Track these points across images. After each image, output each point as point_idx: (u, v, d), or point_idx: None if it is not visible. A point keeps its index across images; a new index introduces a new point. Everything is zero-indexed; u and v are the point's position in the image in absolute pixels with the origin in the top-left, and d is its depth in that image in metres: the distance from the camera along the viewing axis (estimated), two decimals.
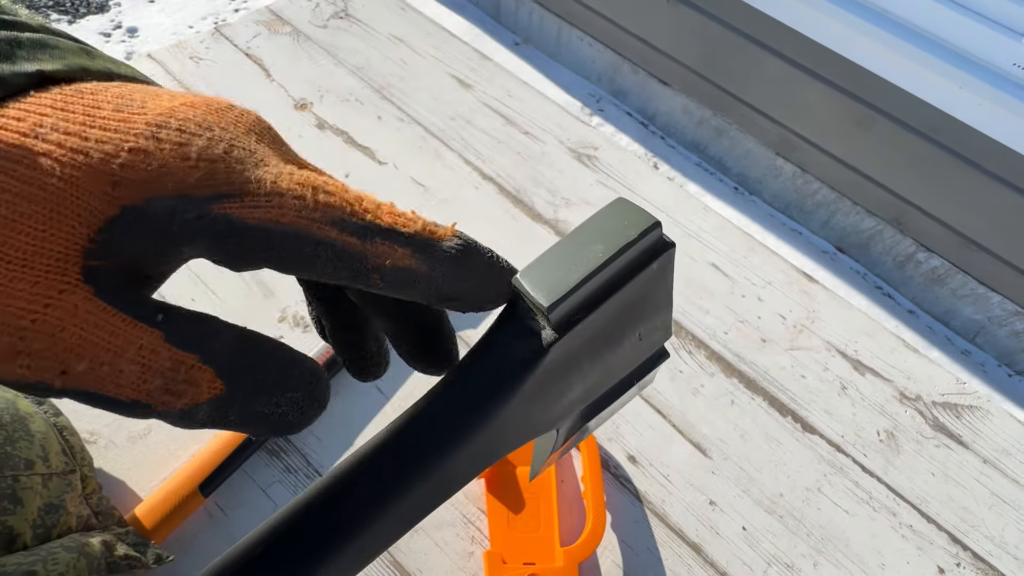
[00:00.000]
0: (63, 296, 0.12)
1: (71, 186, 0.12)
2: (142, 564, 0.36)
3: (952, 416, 0.45)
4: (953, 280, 0.67)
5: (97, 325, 0.13)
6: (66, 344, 0.12)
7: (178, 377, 0.13)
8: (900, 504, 0.42)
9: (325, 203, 0.14)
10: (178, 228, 0.13)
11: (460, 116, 0.58)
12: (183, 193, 0.13)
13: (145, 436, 0.43)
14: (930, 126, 0.62)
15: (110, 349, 0.13)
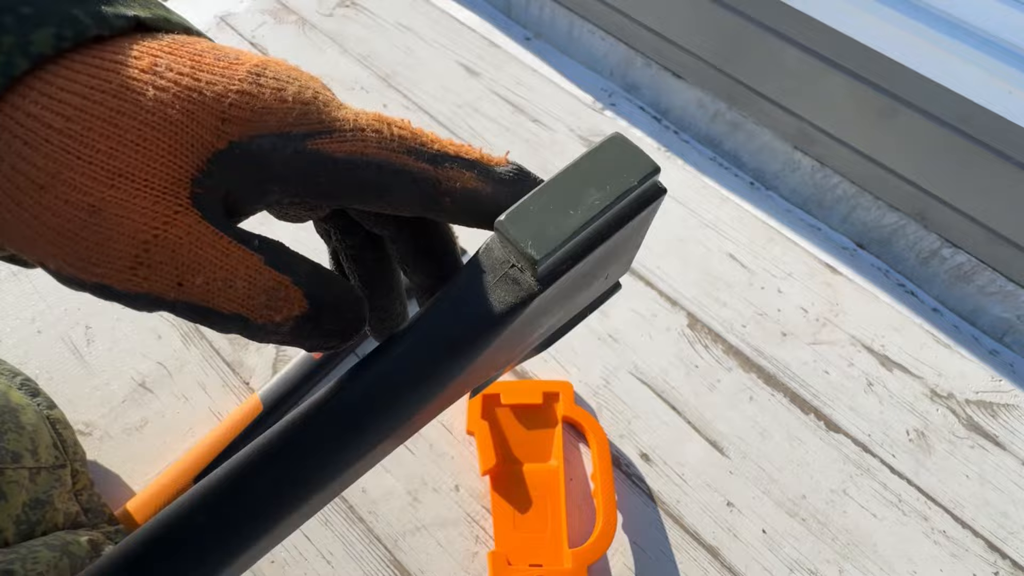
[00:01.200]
0: (178, 216, 0.14)
1: (189, 118, 0.14)
2: None
3: (987, 415, 0.43)
4: (980, 277, 0.64)
5: (212, 244, 0.14)
6: (184, 259, 0.14)
7: (278, 295, 0.15)
8: (932, 508, 0.40)
9: (400, 135, 0.16)
10: (278, 162, 0.15)
11: (467, 104, 0.57)
12: (283, 131, 0.15)
13: (141, 428, 0.41)
14: (957, 116, 0.60)
15: (224, 267, 0.14)
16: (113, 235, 0.13)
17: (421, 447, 0.41)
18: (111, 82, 0.14)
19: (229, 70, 0.15)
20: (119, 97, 0.14)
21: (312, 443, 0.15)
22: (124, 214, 0.13)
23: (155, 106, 0.14)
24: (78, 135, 0.13)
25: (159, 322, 0.45)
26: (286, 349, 0.44)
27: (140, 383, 0.43)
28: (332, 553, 0.38)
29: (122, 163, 0.13)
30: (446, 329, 0.16)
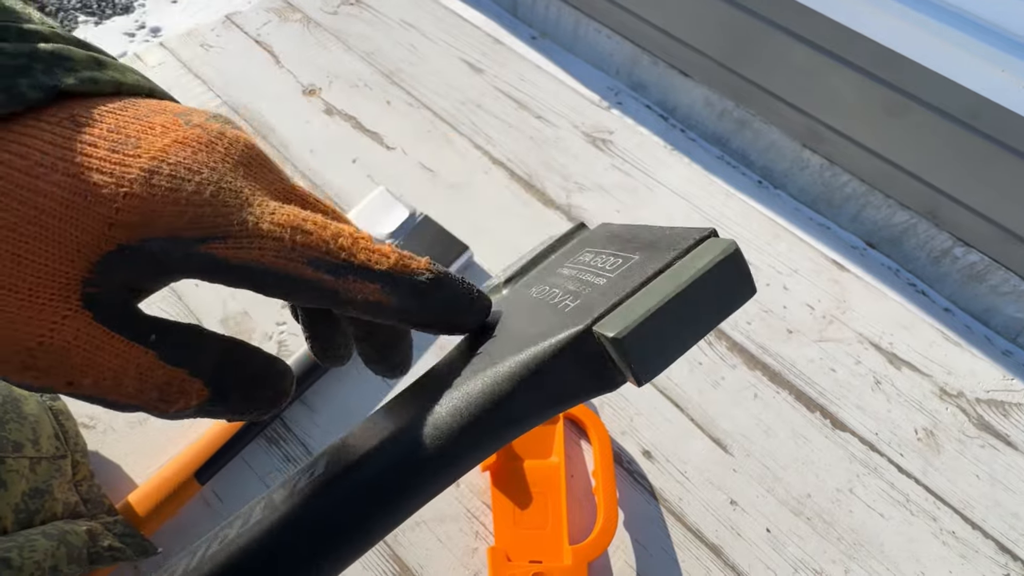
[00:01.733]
0: (66, 321, 0.14)
1: (71, 226, 0.14)
2: (126, 556, 0.35)
3: (999, 414, 0.42)
4: (993, 276, 0.63)
5: (98, 347, 0.14)
6: (71, 363, 0.14)
7: (171, 389, 0.15)
8: (941, 508, 0.39)
9: (303, 243, 0.16)
10: (169, 264, 0.15)
11: (471, 100, 0.57)
12: (173, 235, 0.15)
13: (144, 422, 0.42)
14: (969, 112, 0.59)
15: (111, 368, 0.15)
16: (5, 343, 0.14)
17: None
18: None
19: (121, 168, 0.15)
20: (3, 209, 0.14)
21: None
22: (8, 324, 0.14)
23: (35, 215, 0.14)
24: None
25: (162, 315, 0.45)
26: (288, 345, 0.45)
27: None
28: None
29: (11, 271, 0.14)
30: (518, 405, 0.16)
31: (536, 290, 0.19)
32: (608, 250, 0.18)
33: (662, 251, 0.16)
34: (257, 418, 0.17)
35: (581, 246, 0.20)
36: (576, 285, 0.17)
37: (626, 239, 0.18)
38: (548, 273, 0.20)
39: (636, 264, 0.16)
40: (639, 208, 0.51)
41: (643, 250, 0.17)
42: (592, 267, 0.18)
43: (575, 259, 0.19)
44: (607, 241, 0.19)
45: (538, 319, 0.17)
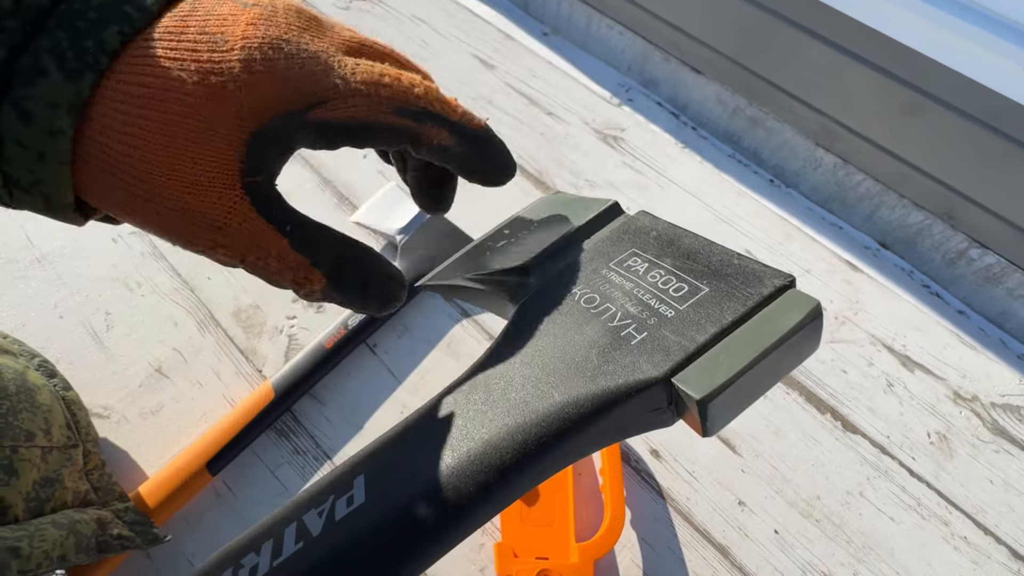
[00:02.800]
0: (236, 207, 0.17)
1: (217, 126, 0.17)
2: (136, 545, 0.35)
3: (1014, 419, 0.41)
4: (1009, 279, 0.62)
5: (257, 230, 0.18)
6: (240, 241, 0.18)
7: (299, 274, 0.19)
8: (953, 513, 0.38)
9: (387, 96, 0.19)
10: (289, 137, 0.18)
11: (482, 97, 0.56)
12: (287, 110, 0.17)
13: (157, 412, 0.42)
14: (988, 111, 0.58)
15: (263, 248, 0.18)
16: (198, 226, 0.17)
17: None
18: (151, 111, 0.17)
19: (226, 65, 0.17)
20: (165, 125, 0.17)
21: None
22: (203, 210, 0.17)
23: (193, 124, 0.17)
24: (152, 161, 0.17)
25: (175, 309, 0.46)
26: (298, 339, 0.45)
27: (157, 368, 0.43)
28: None
29: (191, 175, 0.17)
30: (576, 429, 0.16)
31: (581, 293, 0.18)
32: (665, 263, 0.17)
33: (737, 291, 0.16)
34: (376, 313, 0.20)
35: (625, 243, 0.19)
36: (637, 307, 0.17)
37: (684, 253, 0.17)
38: (592, 273, 0.18)
39: (708, 300, 0.16)
40: (650, 206, 0.51)
41: (711, 280, 0.16)
42: (652, 285, 0.17)
43: (623, 263, 0.18)
44: (659, 248, 0.18)
45: (599, 344, 0.16)
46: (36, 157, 0.17)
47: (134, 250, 0.48)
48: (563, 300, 0.18)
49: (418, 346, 0.44)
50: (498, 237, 0.22)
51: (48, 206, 0.18)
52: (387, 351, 0.44)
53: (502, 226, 0.23)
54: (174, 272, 0.47)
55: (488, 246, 0.22)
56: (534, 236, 0.21)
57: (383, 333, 0.45)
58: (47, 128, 0.16)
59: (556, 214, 0.22)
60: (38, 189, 0.17)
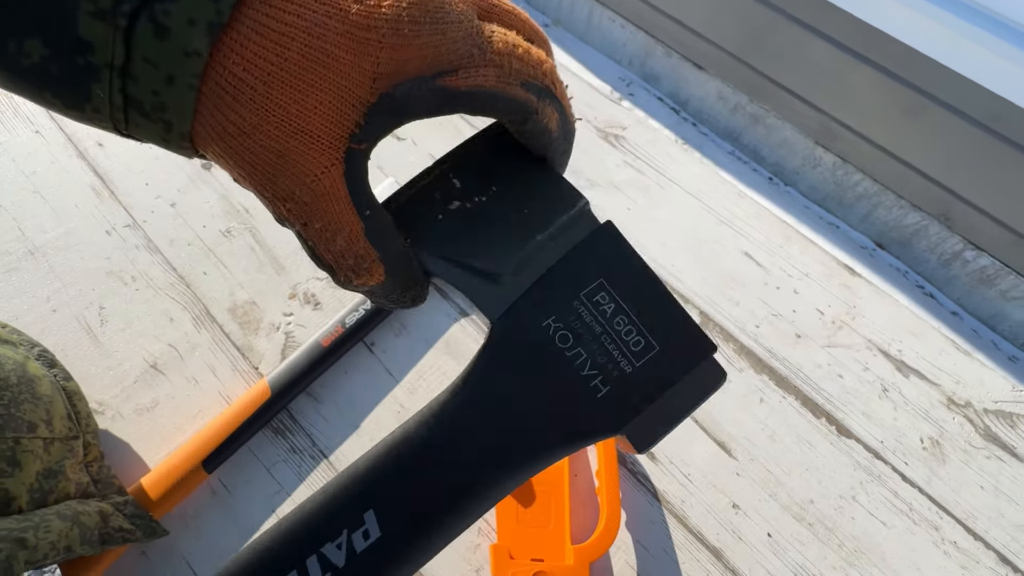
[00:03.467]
0: (331, 170, 0.17)
1: (351, 81, 0.16)
2: (136, 538, 0.35)
3: (1006, 425, 0.41)
4: (1004, 281, 0.62)
5: (338, 200, 0.17)
6: (315, 207, 0.17)
7: (363, 264, 0.18)
8: (944, 518, 0.38)
9: (518, 69, 0.18)
10: (413, 103, 0.17)
11: None
12: (419, 74, 0.17)
13: (152, 409, 0.41)
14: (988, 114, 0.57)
15: (336, 222, 0.17)
16: (286, 173, 0.17)
17: None
18: (289, 48, 0.16)
19: (374, 20, 0.16)
20: (299, 66, 0.16)
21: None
22: (299, 160, 0.16)
23: (327, 73, 0.16)
24: (273, 98, 0.16)
25: (171, 305, 0.45)
26: (295, 336, 0.44)
27: (152, 364, 0.43)
28: None
29: (304, 122, 0.16)
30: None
31: (555, 328, 0.19)
32: (629, 307, 0.20)
33: (678, 354, 0.19)
34: (399, 308, 0.20)
35: (594, 270, 0.20)
36: (603, 357, 0.19)
37: (645, 298, 0.20)
38: (564, 301, 0.19)
39: (657, 360, 0.19)
40: (651, 207, 0.50)
41: (661, 337, 0.20)
42: (616, 335, 0.20)
43: (592, 297, 0.20)
44: (624, 285, 0.20)
45: (572, 394, 0.19)
46: (165, 79, 0.15)
47: (128, 243, 0.47)
48: (539, 333, 0.19)
49: (416, 345, 0.44)
50: (447, 187, 0.21)
51: (167, 133, 0.17)
52: (385, 350, 0.43)
53: (447, 166, 0.21)
54: (169, 267, 0.46)
55: (435, 199, 0.21)
56: (495, 215, 0.20)
57: (381, 331, 0.44)
58: (183, 47, 0.15)
59: (518, 189, 0.21)
60: (160, 115, 0.16)
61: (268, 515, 0.39)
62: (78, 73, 0.15)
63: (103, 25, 0.15)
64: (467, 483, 0.18)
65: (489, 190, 0.21)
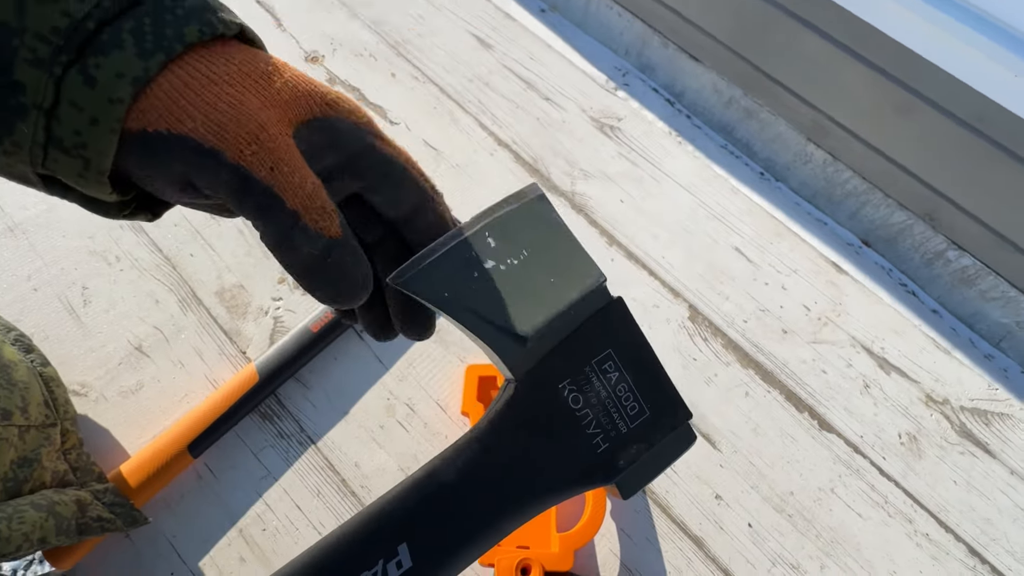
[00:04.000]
0: (286, 132, 0.19)
1: (309, 91, 0.20)
2: (115, 527, 0.34)
3: (981, 423, 0.42)
4: (983, 281, 0.63)
5: (298, 157, 0.19)
6: (281, 155, 0.19)
7: (327, 210, 0.19)
8: (917, 511, 0.39)
9: (417, 168, 0.23)
10: (347, 137, 0.21)
11: (478, 78, 0.54)
12: (358, 125, 0.21)
13: (137, 392, 0.41)
14: (977, 116, 0.58)
15: (302, 172, 0.19)
16: (247, 118, 0.18)
17: (415, 425, 0.40)
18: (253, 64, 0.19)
19: (330, 87, 0.21)
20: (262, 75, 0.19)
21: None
22: (260, 112, 0.19)
23: (283, 86, 0.19)
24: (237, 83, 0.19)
25: (156, 286, 0.44)
26: (283, 320, 0.43)
27: (136, 347, 0.42)
28: (323, 524, 0.38)
29: (270, 90, 0.19)
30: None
31: (568, 390, 0.22)
32: (629, 376, 0.23)
33: (661, 418, 0.23)
34: (340, 298, 0.20)
35: (604, 340, 0.23)
36: (606, 418, 0.23)
37: (642, 369, 0.23)
38: (577, 366, 0.23)
39: (646, 423, 0.23)
40: (644, 200, 0.50)
41: (652, 403, 0.23)
42: (617, 400, 0.23)
43: (602, 365, 0.23)
44: (627, 355, 0.23)
45: (579, 449, 0.22)
46: (89, 120, 0.17)
47: (112, 222, 0.46)
48: (556, 394, 0.22)
49: None
50: (482, 246, 0.23)
51: (85, 169, 0.18)
52: None
53: (484, 225, 0.23)
54: (155, 247, 0.45)
55: (471, 257, 0.22)
56: (526, 280, 0.23)
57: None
58: (107, 95, 0.17)
59: (546, 257, 0.23)
60: (80, 152, 0.18)
61: (255, 500, 0.38)
62: (6, 109, 0.17)
63: (38, 72, 0.17)
64: (486, 521, 0.21)
65: (521, 254, 0.23)
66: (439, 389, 0.41)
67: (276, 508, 0.38)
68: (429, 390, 0.41)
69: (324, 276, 0.20)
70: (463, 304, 0.21)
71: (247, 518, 0.38)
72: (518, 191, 0.24)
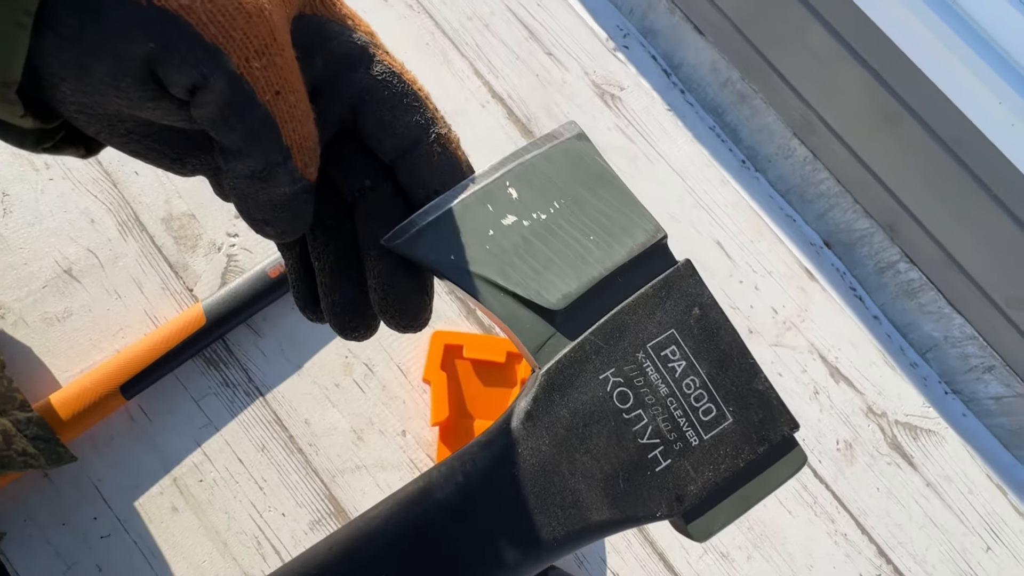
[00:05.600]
0: (290, 40, 0.15)
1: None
2: (39, 464, 0.30)
3: (909, 437, 0.44)
4: (924, 295, 0.64)
5: (301, 80, 0.15)
6: (288, 77, 0.15)
7: (317, 151, 0.16)
8: (840, 512, 0.41)
9: (424, 94, 0.19)
10: (335, 41, 0.17)
11: (479, 17, 0.48)
12: (347, 28, 0.17)
13: (64, 320, 0.35)
14: (954, 137, 0.56)
15: (306, 101, 0.15)
16: (261, 16, 0.14)
17: (373, 388, 0.37)
18: None
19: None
20: None
21: None
22: (273, 10, 0.14)
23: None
24: None
25: (92, 203, 0.37)
26: (238, 259, 0.38)
27: (66, 269, 0.36)
28: (265, 479, 0.35)
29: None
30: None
31: (613, 383, 0.16)
32: (702, 367, 0.16)
33: (754, 432, 0.16)
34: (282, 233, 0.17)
35: (667, 317, 0.16)
36: (667, 424, 0.16)
37: (720, 357, 0.17)
38: (627, 351, 0.16)
39: (729, 435, 0.16)
40: (635, 178, 0.47)
41: (737, 406, 0.16)
42: (684, 398, 0.16)
43: (661, 350, 0.16)
44: (698, 339, 0.17)
45: (628, 464, 0.16)
46: None
47: None
48: (595, 388, 0.16)
49: None
50: (502, 198, 0.17)
51: None
52: None
53: (505, 172, 0.17)
54: (94, 158, 0.38)
55: (488, 212, 0.17)
56: (555, 239, 0.17)
57: None
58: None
59: (585, 209, 0.17)
60: None
61: (193, 448, 0.35)
62: None
63: None
64: (492, 558, 0.15)
65: (551, 206, 0.17)
66: (402, 352, 0.38)
67: (216, 459, 0.35)
68: (391, 352, 0.38)
69: (285, 216, 0.16)
70: (475, 270, 0.16)
71: (183, 467, 0.34)
72: (550, 132, 0.18)
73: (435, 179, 0.17)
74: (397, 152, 0.17)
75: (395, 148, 0.17)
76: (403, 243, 0.16)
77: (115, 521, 0.33)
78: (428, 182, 0.17)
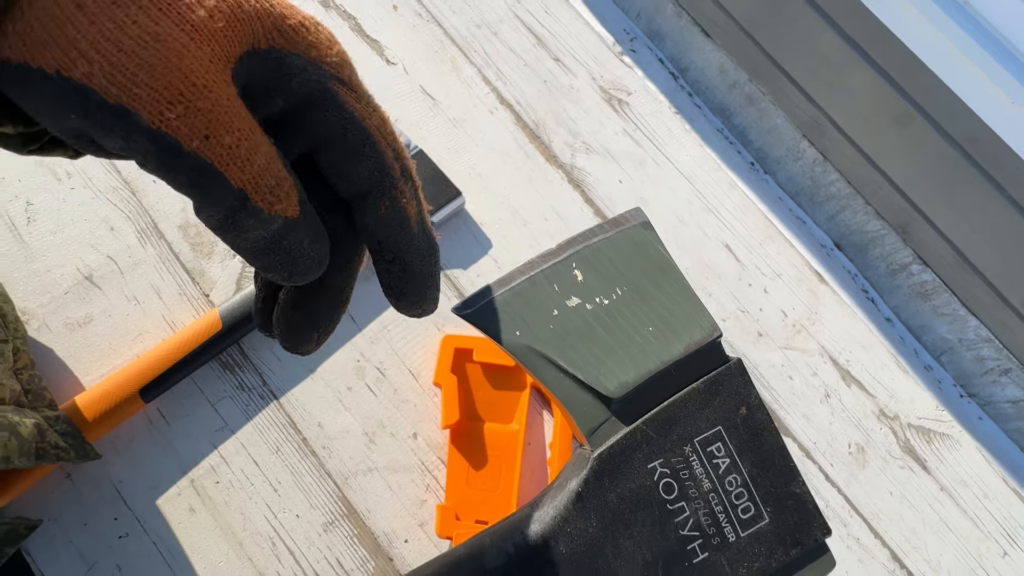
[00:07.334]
0: (222, 80, 0.14)
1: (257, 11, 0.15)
2: (69, 457, 0.31)
3: (923, 440, 0.42)
4: (938, 297, 0.62)
5: (246, 118, 0.14)
6: (219, 117, 0.14)
7: (283, 187, 0.15)
8: (853, 516, 0.40)
9: (393, 139, 0.18)
10: (297, 79, 0.16)
11: (487, 25, 0.48)
12: (317, 62, 0.16)
13: (85, 325, 0.36)
14: (967, 137, 0.55)
15: (252, 139, 0.14)
16: (167, 65, 0.13)
17: (385, 391, 0.37)
18: None
19: (297, 9, 0.16)
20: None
21: None
22: (185, 53, 0.13)
23: (217, 7, 0.14)
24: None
25: (112, 212, 0.38)
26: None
27: (87, 276, 0.36)
28: (280, 482, 0.35)
29: (197, 17, 0.13)
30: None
31: (660, 474, 0.16)
32: (744, 465, 0.17)
33: (787, 535, 0.17)
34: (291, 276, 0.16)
35: (715, 414, 0.17)
36: (707, 519, 0.16)
37: (763, 457, 0.17)
38: (675, 444, 0.17)
39: (764, 535, 0.17)
40: (643, 183, 0.46)
41: (774, 508, 0.17)
42: (726, 495, 0.17)
43: (707, 446, 0.17)
44: (743, 438, 0.17)
45: (667, 553, 0.16)
46: None
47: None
48: (643, 477, 0.16)
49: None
50: (567, 279, 0.17)
51: None
52: None
53: (572, 253, 0.17)
54: (112, 167, 0.39)
55: (553, 292, 0.17)
56: (616, 326, 0.17)
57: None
58: None
59: (646, 299, 0.18)
60: None
61: (209, 451, 0.35)
62: None
63: None
64: None
65: (614, 293, 0.17)
66: (412, 356, 0.38)
67: (232, 461, 0.35)
68: (402, 356, 0.38)
69: (277, 259, 0.15)
70: (539, 348, 0.16)
71: (200, 469, 0.34)
72: (617, 216, 0.18)
73: (380, 230, 0.17)
74: (351, 195, 0.17)
75: (349, 192, 0.17)
76: (472, 313, 0.17)
77: (135, 522, 0.33)
78: (374, 232, 0.17)
